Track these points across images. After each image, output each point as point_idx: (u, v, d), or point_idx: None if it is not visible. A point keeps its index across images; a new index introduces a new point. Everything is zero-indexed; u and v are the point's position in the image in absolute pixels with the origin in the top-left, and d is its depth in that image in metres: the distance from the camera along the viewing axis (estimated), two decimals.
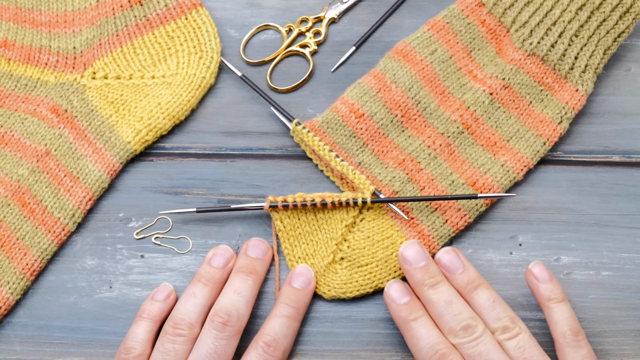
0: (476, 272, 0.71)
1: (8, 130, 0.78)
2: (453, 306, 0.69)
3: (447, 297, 0.69)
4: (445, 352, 0.67)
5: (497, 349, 0.67)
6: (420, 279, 0.70)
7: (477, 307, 0.69)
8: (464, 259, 0.71)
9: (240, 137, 0.80)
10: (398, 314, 0.70)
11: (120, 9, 0.80)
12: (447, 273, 0.71)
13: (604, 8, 0.76)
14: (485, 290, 0.70)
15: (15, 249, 0.75)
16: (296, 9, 0.84)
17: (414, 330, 0.69)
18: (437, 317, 0.69)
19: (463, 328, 0.68)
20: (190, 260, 0.76)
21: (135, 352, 0.70)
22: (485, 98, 0.77)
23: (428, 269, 0.71)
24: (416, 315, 0.69)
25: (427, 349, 0.67)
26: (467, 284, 0.70)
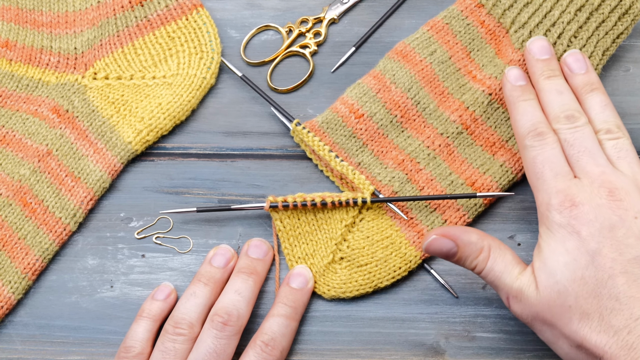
0: (597, 77, 0.73)
1: (9, 131, 0.79)
2: (563, 96, 0.70)
3: (559, 88, 0.71)
4: (544, 131, 0.68)
5: (593, 139, 0.68)
6: (539, 69, 0.72)
7: (589, 107, 0.71)
8: (588, 62, 0.73)
9: (241, 137, 0.80)
10: (511, 93, 0.72)
11: (121, 9, 0.80)
12: (569, 72, 0.73)
13: (603, 9, 0.77)
14: (601, 94, 0.71)
15: (16, 249, 0.75)
16: (296, 9, 0.84)
17: (521, 107, 0.71)
18: (545, 105, 0.71)
19: (567, 117, 0.69)
20: (191, 260, 0.76)
21: (135, 351, 0.70)
22: (485, 98, 0.77)
23: (549, 63, 0.73)
24: (527, 97, 0.71)
25: (528, 125, 0.69)
26: (586, 85, 0.72)
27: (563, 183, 0.65)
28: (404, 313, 0.74)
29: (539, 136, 0.68)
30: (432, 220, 0.75)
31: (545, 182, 0.66)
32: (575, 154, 0.67)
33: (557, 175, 0.66)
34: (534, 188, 0.67)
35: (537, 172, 0.67)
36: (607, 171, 0.66)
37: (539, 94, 0.72)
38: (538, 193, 0.67)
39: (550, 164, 0.67)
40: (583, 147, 0.67)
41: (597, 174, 0.66)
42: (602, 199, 0.64)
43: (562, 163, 0.67)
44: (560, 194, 0.65)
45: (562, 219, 0.64)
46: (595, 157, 0.67)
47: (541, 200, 0.66)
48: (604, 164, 0.66)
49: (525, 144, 0.68)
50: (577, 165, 0.67)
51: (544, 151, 0.67)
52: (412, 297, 0.75)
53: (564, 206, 0.64)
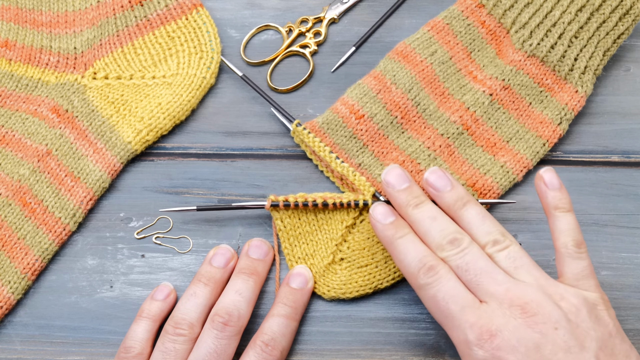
0: (464, 190, 0.69)
1: (9, 131, 0.78)
2: (438, 221, 0.67)
3: (431, 214, 0.68)
4: (434, 264, 0.65)
5: (485, 258, 0.65)
6: (404, 201, 0.69)
7: (467, 223, 0.68)
8: (451, 177, 0.70)
9: (241, 137, 0.80)
10: (384, 234, 0.68)
11: (121, 9, 0.80)
12: (435, 192, 0.70)
13: (604, 9, 0.77)
14: (475, 206, 0.68)
15: (16, 249, 0.75)
16: (296, 9, 0.84)
17: (401, 246, 0.67)
18: (423, 235, 0.68)
19: (449, 242, 0.66)
20: (191, 260, 0.76)
21: (134, 351, 0.70)
22: (485, 99, 0.77)
23: (411, 191, 0.69)
24: (402, 233, 0.68)
25: (415, 262, 0.66)
26: (456, 201, 0.69)
27: (472, 314, 0.63)
28: (404, 313, 0.74)
29: (430, 271, 0.65)
30: None
31: (455, 319, 0.63)
32: (473, 279, 0.64)
33: (463, 308, 0.63)
34: (445, 327, 0.65)
35: (442, 310, 0.64)
36: (511, 287, 0.63)
37: (412, 226, 0.68)
38: (451, 331, 0.64)
39: (453, 298, 0.64)
40: (478, 269, 0.64)
41: (503, 293, 0.63)
42: (517, 319, 0.62)
43: (464, 293, 0.64)
44: (475, 327, 0.62)
45: (486, 353, 0.62)
46: (493, 275, 0.64)
47: (457, 338, 0.63)
48: (505, 281, 0.64)
49: (420, 283, 0.65)
50: (478, 289, 0.64)
51: (442, 285, 0.64)
52: (412, 297, 0.75)
53: (483, 339, 0.62)
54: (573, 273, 0.66)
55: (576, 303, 0.63)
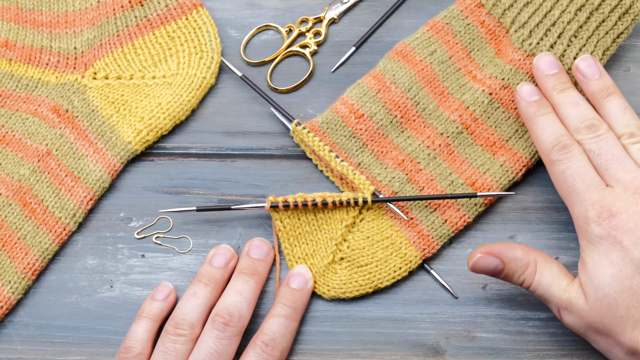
0: (611, 80, 0.72)
1: (9, 131, 0.79)
2: (580, 107, 0.70)
3: (574, 99, 0.71)
4: (568, 144, 0.68)
5: (618, 146, 0.68)
6: (551, 84, 0.72)
7: (607, 113, 0.70)
8: (600, 66, 0.73)
9: (241, 137, 0.80)
10: (527, 109, 0.72)
11: (121, 9, 0.80)
12: (583, 78, 0.72)
13: (603, 9, 0.77)
14: (619, 98, 0.71)
15: (16, 249, 0.75)
16: (296, 9, 0.84)
17: (540, 123, 0.70)
18: (563, 117, 0.71)
19: (587, 126, 0.69)
20: (191, 260, 0.76)
21: (135, 351, 0.70)
22: (485, 98, 0.77)
23: (559, 76, 0.73)
24: (544, 111, 0.71)
25: (551, 139, 0.69)
26: (602, 90, 0.71)
27: (597, 194, 0.66)
28: (404, 313, 0.74)
29: (564, 149, 0.68)
30: (432, 220, 0.75)
31: (579, 195, 0.66)
32: (604, 163, 0.67)
33: (589, 186, 0.66)
34: (568, 202, 0.68)
35: (569, 185, 0.67)
36: (639, 176, 0.66)
37: (555, 108, 0.72)
38: (573, 206, 0.67)
39: (581, 176, 0.67)
40: (610, 155, 0.67)
41: (629, 180, 0.66)
42: (638, 206, 0.65)
43: (592, 174, 0.67)
44: (597, 206, 0.65)
45: (602, 230, 0.64)
46: (623, 163, 0.67)
47: (577, 213, 0.66)
48: (634, 170, 0.67)
49: (552, 158, 0.68)
50: (607, 174, 0.67)
51: (572, 164, 0.67)
52: (412, 297, 0.75)
53: (602, 217, 0.65)
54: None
55: None
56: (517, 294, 0.74)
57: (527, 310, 0.74)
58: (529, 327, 0.73)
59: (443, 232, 0.75)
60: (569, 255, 0.76)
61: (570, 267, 0.75)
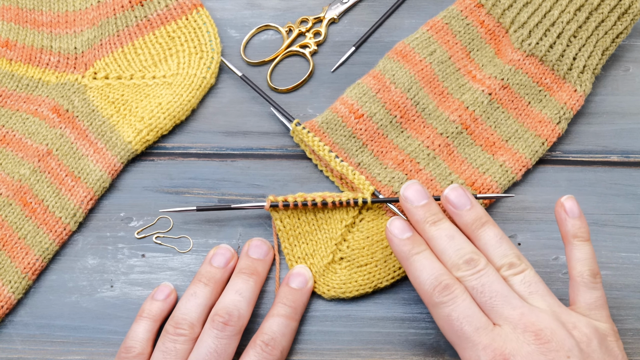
0: (483, 210, 0.69)
1: (10, 130, 0.79)
2: (455, 241, 0.67)
3: (449, 233, 0.68)
4: (449, 283, 0.65)
5: (500, 281, 0.65)
6: (422, 217, 0.69)
7: (484, 244, 0.68)
8: (471, 196, 0.70)
9: (241, 137, 0.80)
10: (400, 249, 0.68)
11: (121, 9, 0.80)
12: (454, 210, 0.69)
13: (603, 9, 0.77)
14: (493, 227, 0.68)
15: (17, 249, 0.75)
16: (296, 9, 0.84)
17: (417, 263, 0.67)
18: (439, 253, 0.67)
19: (466, 261, 0.66)
20: (191, 260, 0.77)
21: (135, 351, 0.70)
22: (484, 98, 0.77)
23: (429, 207, 0.69)
24: (419, 249, 0.68)
25: (430, 280, 0.65)
26: (475, 221, 0.69)
27: (486, 337, 0.63)
28: (404, 313, 0.74)
29: (446, 290, 0.65)
30: None
31: (469, 340, 0.63)
32: (488, 301, 0.64)
33: (477, 329, 0.63)
34: (457, 346, 0.65)
35: (456, 330, 0.64)
36: (526, 312, 0.63)
37: (429, 243, 0.68)
38: (463, 352, 0.64)
39: (467, 318, 0.64)
40: (494, 291, 0.65)
41: (517, 317, 0.63)
42: (530, 345, 0.62)
43: (479, 314, 0.64)
44: (488, 350, 0.62)
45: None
46: (508, 299, 0.64)
47: (469, 359, 0.64)
48: (520, 305, 0.64)
49: (434, 301, 0.65)
50: (492, 312, 0.64)
51: (457, 306, 0.64)
52: (412, 297, 0.75)
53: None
54: (586, 302, 0.66)
55: (588, 333, 0.63)
56: None
57: None
58: None
59: None
60: None
61: None
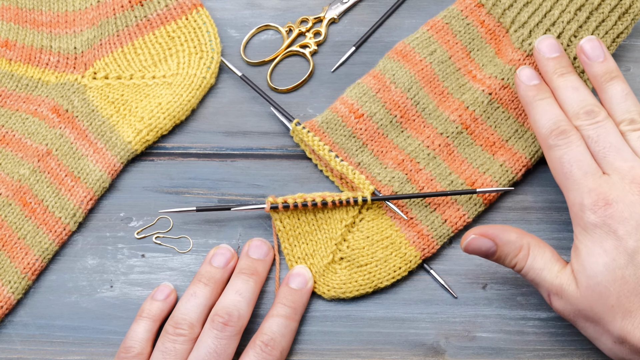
0: (615, 64, 0.71)
1: (9, 130, 0.79)
2: (579, 92, 0.70)
3: (574, 84, 0.70)
4: (566, 129, 0.68)
5: (617, 134, 0.67)
6: (551, 68, 0.72)
7: (609, 97, 0.70)
8: (605, 49, 0.72)
9: (241, 137, 0.80)
10: (526, 93, 0.71)
11: (121, 9, 0.80)
12: (587, 60, 0.71)
13: (603, 9, 0.77)
14: (621, 82, 0.70)
15: (16, 249, 0.75)
16: (296, 9, 0.84)
17: (539, 107, 0.70)
18: (562, 102, 0.70)
19: (586, 112, 0.68)
20: (191, 260, 0.77)
21: (134, 351, 0.70)
22: (484, 98, 0.77)
23: (560, 60, 0.72)
24: (543, 95, 0.70)
25: (549, 124, 0.68)
26: (605, 73, 0.70)
27: (593, 181, 0.65)
28: (404, 313, 0.74)
29: (562, 134, 0.68)
30: (432, 220, 0.75)
31: (576, 182, 0.66)
32: (602, 151, 0.67)
33: (586, 173, 0.66)
34: (564, 188, 0.67)
35: (566, 171, 0.67)
36: (636, 165, 0.66)
37: (554, 92, 0.71)
38: (569, 193, 0.67)
39: (578, 163, 0.66)
40: (608, 142, 0.67)
41: (627, 169, 0.66)
42: (634, 195, 0.64)
43: (590, 161, 0.67)
44: (593, 193, 0.65)
45: (597, 218, 0.64)
46: (621, 152, 0.67)
47: (573, 200, 0.66)
48: (632, 159, 0.66)
49: (549, 143, 0.68)
50: (604, 161, 0.67)
51: (570, 150, 0.67)
52: (412, 297, 0.75)
53: (598, 205, 0.64)
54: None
55: None
56: (517, 294, 0.74)
57: (527, 310, 0.74)
58: (529, 327, 0.73)
59: (443, 232, 0.75)
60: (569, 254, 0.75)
61: None
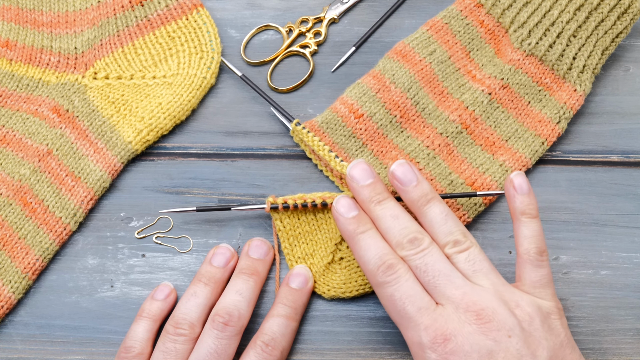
0: (429, 186, 0.69)
1: (10, 130, 0.79)
2: (400, 220, 0.67)
3: (393, 212, 0.68)
4: (393, 263, 0.65)
5: (444, 260, 0.65)
6: (367, 196, 0.69)
7: (429, 221, 0.68)
8: (417, 172, 0.69)
9: (241, 137, 0.80)
10: (346, 227, 0.68)
11: (122, 9, 0.81)
12: (400, 186, 0.69)
13: (602, 8, 0.77)
14: (439, 204, 0.68)
15: (17, 249, 0.75)
16: (296, 9, 0.84)
17: (362, 242, 0.67)
18: (384, 232, 0.68)
19: (409, 241, 0.66)
20: (191, 260, 0.77)
21: (134, 351, 0.70)
22: (484, 98, 0.77)
23: (375, 187, 0.69)
24: (364, 228, 0.68)
25: (374, 259, 0.66)
26: (420, 197, 0.68)
27: (428, 317, 0.63)
28: None
29: (390, 270, 0.65)
30: None
31: (411, 320, 0.63)
32: (431, 280, 0.64)
33: (419, 309, 0.63)
34: (400, 326, 0.65)
35: (399, 309, 0.64)
36: (468, 291, 0.64)
37: (374, 222, 0.69)
38: (406, 331, 0.64)
39: (410, 298, 0.64)
40: (437, 270, 0.65)
41: (459, 297, 0.63)
42: (472, 325, 0.62)
43: (422, 294, 0.64)
44: (430, 330, 0.62)
45: (438, 356, 0.62)
46: (451, 278, 0.64)
47: (411, 339, 0.64)
48: (462, 284, 0.64)
49: (378, 280, 0.65)
50: (435, 291, 0.64)
51: (400, 285, 0.64)
52: None
53: (436, 343, 0.62)
54: (532, 280, 0.66)
55: (530, 312, 0.64)
56: None
57: None
58: None
59: None
60: (569, 255, 0.76)
61: (569, 266, 0.75)
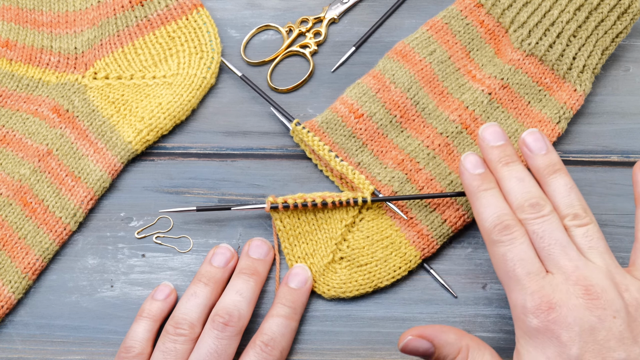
0: (558, 157, 0.69)
1: (10, 130, 0.79)
2: (524, 183, 0.67)
3: (519, 175, 0.68)
4: (510, 224, 0.65)
5: (562, 230, 0.65)
6: (496, 157, 0.69)
7: (552, 191, 0.67)
8: (547, 142, 0.70)
9: (241, 137, 0.80)
10: (470, 182, 0.68)
11: (122, 9, 0.81)
12: (529, 153, 0.69)
13: (602, 8, 0.77)
14: (564, 175, 0.68)
15: (17, 249, 0.75)
16: (296, 9, 0.84)
17: (483, 199, 0.67)
18: (507, 193, 0.67)
19: (531, 205, 0.66)
20: (191, 260, 0.77)
21: (134, 351, 0.70)
22: (484, 98, 0.77)
23: (505, 149, 0.69)
24: (488, 186, 0.68)
25: (492, 218, 0.66)
26: (548, 166, 0.68)
27: (536, 283, 0.63)
28: (404, 313, 0.74)
29: (506, 230, 0.65)
30: (432, 220, 0.75)
31: (519, 282, 0.63)
32: (546, 247, 0.64)
33: (529, 274, 0.63)
34: (506, 286, 0.65)
35: (508, 270, 0.64)
36: (581, 265, 0.63)
37: (499, 182, 0.68)
38: (511, 293, 0.64)
39: (522, 262, 0.64)
40: (553, 239, 0.64)
41: (571, 269, 0.63)
42: (578, 299, 0.62)
43: (534, 259, 0.64)
44: (536, 296, 0.62)
45: (540, 323, 0.62)
46: (566, 250, 0.64)
47: (515, 301, 0.64)
48: (576, 258, 0.64)
49: (493, 238, 0.65)
50: (548, 259, 0.64)
51: (514, 247, 0.64)
52: (412, 296, 0.75)
53: (540, 309, 0.62)
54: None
55: (639, 298, 0.63)
56: None
57: None
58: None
59: (443, 232, 0.75)
60: None
61: None
